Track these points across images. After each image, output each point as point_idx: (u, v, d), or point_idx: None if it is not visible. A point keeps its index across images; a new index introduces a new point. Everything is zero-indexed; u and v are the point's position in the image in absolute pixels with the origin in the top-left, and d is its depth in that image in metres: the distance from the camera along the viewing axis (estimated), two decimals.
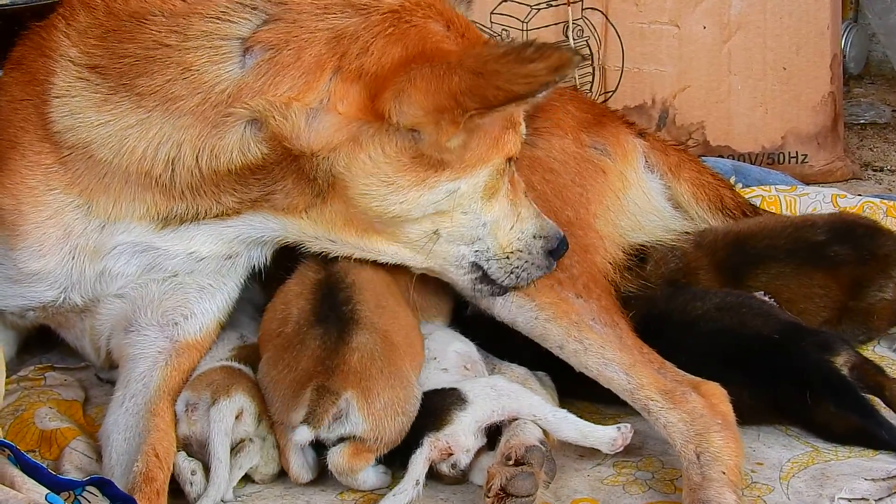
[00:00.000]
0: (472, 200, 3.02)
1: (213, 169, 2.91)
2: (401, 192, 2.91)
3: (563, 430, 3.04)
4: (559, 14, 5.03)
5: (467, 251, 3.12)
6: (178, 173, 2.91)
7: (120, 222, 3.04)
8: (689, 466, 2.91)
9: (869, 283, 3.55)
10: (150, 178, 2.94)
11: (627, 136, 3.78)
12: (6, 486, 2.59)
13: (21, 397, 3.40)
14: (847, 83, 6.23)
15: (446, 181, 2.93)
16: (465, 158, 2.93)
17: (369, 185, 2.89)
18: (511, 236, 3.14)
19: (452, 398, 3.04)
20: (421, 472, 2.93)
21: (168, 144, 2.89)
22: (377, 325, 3.03)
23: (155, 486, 2.88)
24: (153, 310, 3.19)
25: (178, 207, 3.00)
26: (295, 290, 3.17)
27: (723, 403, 3.03)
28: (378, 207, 2.93)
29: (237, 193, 2.98)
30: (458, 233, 3.07)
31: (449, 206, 2.99)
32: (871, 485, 2.96)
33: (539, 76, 2.63)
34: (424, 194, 2.93)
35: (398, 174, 2.88)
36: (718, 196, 3.87)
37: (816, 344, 3.19)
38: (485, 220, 3.08)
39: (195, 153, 2.88)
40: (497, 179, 3.04)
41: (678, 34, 5.05)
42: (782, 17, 5.10)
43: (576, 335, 3.16)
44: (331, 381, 2.90)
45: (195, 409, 3.06)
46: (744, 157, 5.11)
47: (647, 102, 5.10)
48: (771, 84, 5.12)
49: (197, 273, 3.17)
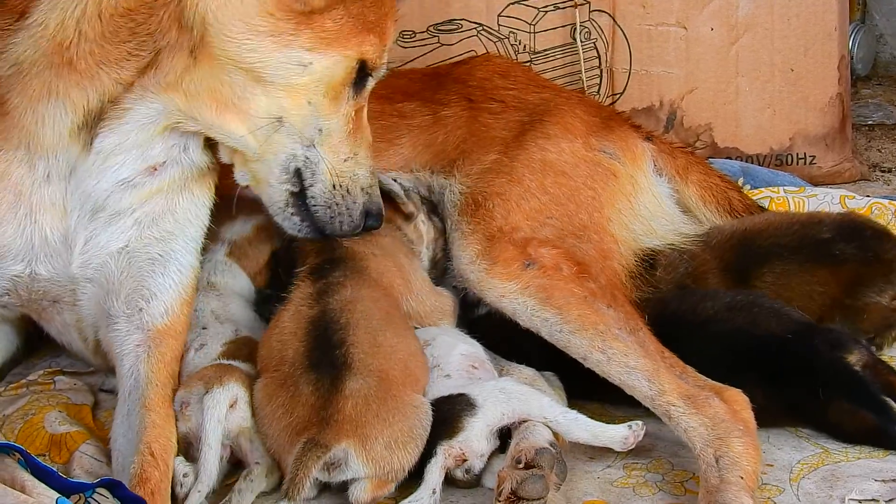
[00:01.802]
0: (317, 91, 3.06)
1: (111, 11, 2.94)
2: (257, 37, 2.95)
3: (574, 431, 3.04)
4: (566, 16, 5.02)
5: (300, 151, 3.14)
6: (83, 33, 2.95)
7: (53, 155, 3.05)
8: (708, 469, 2.91)
9: (868, 285, 3.54)
10: (62, 53, 2.96)
11: (636, 140, 3.79)
12: (17, 490, 2.59)
13: (31, 401, 3.41)
14: (855, 84, 6.22)
15: (300, 48, 2.98)
16: (325, 28, 2.98)
17: (232, 26, 2.94)
18: (343, 168, 3.19)
19: (462, 404, 3.04)
20: (437, 481, 2.93)
21: (72, 2, 2.94)
22: (371, 366, 2.99)
23: (149, 487, 2.86)
24: (117, 295, 3.18)
25: (89, 95, 3.01)
26: (290, 327, 3.14)
27: (745, 410, 3.04)
28: (235, 53, 2.97)
29: (131, 59, 2.99)
30: (298, 124, 3.09)
31: (298, 82, 3.02)
32: (881, 486, 2.96)
33: None
34: (279, 50, 2.97)
35: (260, 17, 2.93)
36: (726, 198, 3.87)
37: (829, 342, 3.20)
38: (323, 125, 3.12)
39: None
40: (345, 79, 3.08)
41: (686, 36, 5.04)
42: (790, 18, 5.09)
43: (600, 346, 3.16)
44: (322, 434, 2.87)
45: (188, 404, 3.07)
46: (752, 158, 5.10)
47: (655, 104, 5.09)
48: (779, 85, 5.11)
49: (144, 240, 3.18)
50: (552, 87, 4.02)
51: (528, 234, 3.39)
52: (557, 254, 3.33)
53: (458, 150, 3.70)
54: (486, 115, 3.76)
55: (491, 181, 3.54)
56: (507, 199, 3.48)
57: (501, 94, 3.83)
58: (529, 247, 3.34)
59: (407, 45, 4.96)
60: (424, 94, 3.84)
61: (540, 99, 3.82)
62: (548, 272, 3.29)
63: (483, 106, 3.79)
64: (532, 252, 3.33)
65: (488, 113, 3.76)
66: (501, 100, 3.81)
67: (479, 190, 3.54)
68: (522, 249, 3.34)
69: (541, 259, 3.31)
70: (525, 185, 3.50)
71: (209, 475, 2.95)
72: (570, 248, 3.38)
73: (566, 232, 3.43)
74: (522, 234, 3.39)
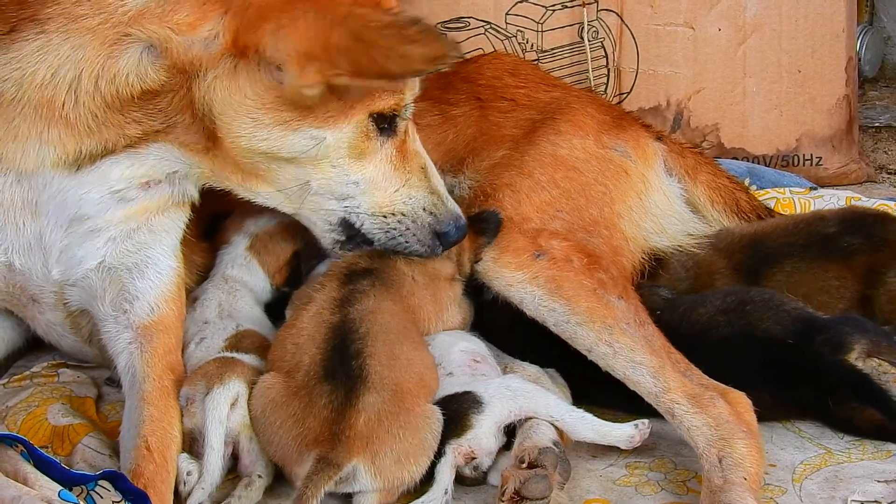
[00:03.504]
0: (339, 156, 3.07)
1: (112, 94, 2.94)
2: (265, 129, 2.97)
3: (580, 429, 3.04)
4: (574, 15, 5.03)
5: (337, 206, 3.17)
6: (80, 101, 2.94)
7: (36, 175, 3.04)
8: (711, 469, 2.91)
9: (884, 270, 3.54)
10: (54, 109, 2.95)
11: (647, 140, 3.79)
12: (19, 482, 2.59)
13: (34, 393, 3.41)
14: (862, 86, 6.22)
15: (309, 127, 2.98)
16: (329, 108, 2.97)
17: (239, 121, 2.96)
18: (395, 198, 3.20)
19: (468, 402, 3.04)
20: (449, 480, 2.93)
21: (67, 66, 2.92)
22: (387, 379, 2.97)
23: (142, 481, 2.86)
24: (102, 300, 3.20)
25: (86, 144, 3.01)
26: (308, 330, 3.11)
27: (748, 413, 3.04)
28: (246, 145, 2.99)
29: (140, 125, 3.01)
30: (327, 186, 3.12)
31: (317, 154, 3.03)
32: (883, 487, 2.96)
33: (414, 61, 2.71)
34: (289, 136, 2.98)
35: (262, 111, 2.95)
36: (734, 199, 3.87)
37: (829, 343, 3.18)
38: (355, 179, 3.13)
39: (94, 76, 2.92)
40: (364, 137, 3.08)
41: (693, 36, 5.05)
42: (797, 19, 5.09)
43: (607, 339, 3.16)
44: (335, 452, 2.85)
45: (192, 402, 3.07)
46: (758, 159, 5.11)
47: (662, 104, 5.09)
48: (786, 86, 5.11)
49: (119, 255, 3.18)
50: (562, 86, 4.02)
51: (539, 225, 3.39)
52: (568, 246, 3.33)
53: (468, 148, 3.71)
54: (496, 113, 3.76)
55: (500, 174, 3.55)
56: (518, 190, 3.48)
57: (511, 93, 3.83)
58: (540, 238, 3.34)
59: None
60: (433, 93, 3.83)
61: (551, 97, 3.82)
62: (558, 263, 3.29)
63: (493, 104, 3.79)
64: (543, 243, 3.33)
65: (498, 111, 3.76)
66: (511, 98, 3.80)
67: (488, 182, 3.55)
68: (533, 240, 3.34)
69: (551, 250, 3.31)
70: (535, 178, 3.50)
71: (212, 475, 2.95)
72: (581, 240, 3.37)
73: (576, 226, 3.42)
74: (533, 224, 3.39)
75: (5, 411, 3.31)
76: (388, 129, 3.13)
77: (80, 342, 3.44)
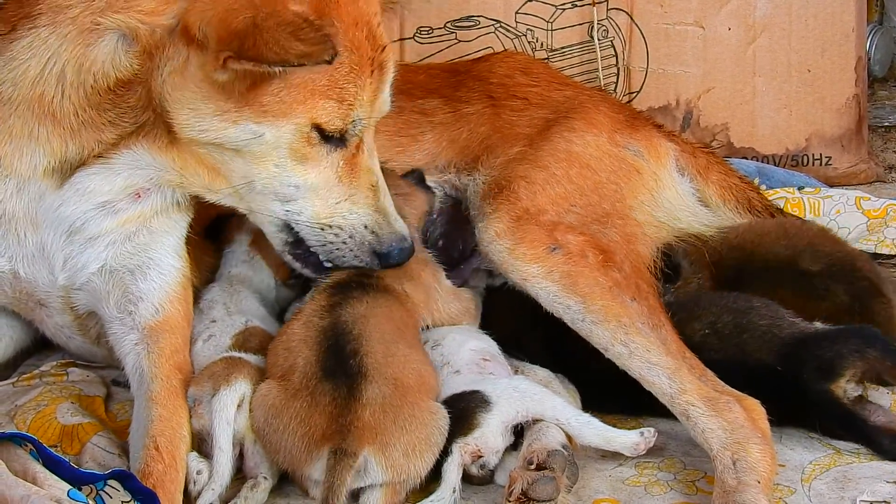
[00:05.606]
0: (280, 155, 3.08)
1: (91, 85, 3.00)
2: (205, 119, 3.00)
3: (586, 434, 3.04)
4: (584, 14, 5.02)
5: (279, 208, 3.18)
6: (66, 94, 3.01)
7: (31, 182, 3.10)
8: (724, 471, 2.92)
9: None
10: (44, 105, 3.02)
11: (659, 139, 3.79)
12: (28, 481, 2.60)
13: (43, 392, 3.42)
14: (871, 86, 6.20)
15: (248, 121, 3.00)
16: (264, 102, 2.97)
17: (184, 112, 3.00)
18: (335, 210, 3.20)
19: (476, 401, 3.04)
20: (456, 479, 2.95)
21: (54, 59, 2.99)
22: (386, 374, 2.99)
23: (151, 481, 2.88)
24: (107, 302, 3.25)
25: (69, 147, 3.07)
26: (299, 334, 3.14)
27: (762, 420, 3.06)
28: (194, 134, 3.03)
29: (115, 126, 3.06)
30: (270, 186, 3.13)
31: (259, 150, 3.05)
32: (892, 487, 2.97)
33: (288, 52, 2.77)
34: (229, 127, 3.01)
35: (202, 101, 2.99)
36: (746, 198, 3.87)
37: (818, 369, 3.16)
38: (296, 182, 3.13)
39: (76, 66, 2.99)
40: (304, 142, 3.08)
41: (703, 35, 5.04)
42: (807, 19, 5.08)
43: (622, 338, 3.17)
44: (346, 442, 2.86)
45: (199, 403, 3.08)
46: (768, 158, 5.10)
47: (672, 103, 5.09)
48: (795, 86, 5.10)
49: (120, 258, 3.22)
50: (574, 85, 4.03)
51: (555, 218, 3.40)
52: (583, 241, 3.33)
53: (482, 146, 3.71)
54: (509, 112, 3.76)
55: (515, 168, 3.55)
56: (533, 182, 3.48)
57: (524, 91, 3.83)
58: (556, 231, 3.35)
59: (424, 42, 4.96)
60: (445, 91, 3.85)
61: (563, 96, 3.83)
62: (573, 258, 3.29)
63: (506, 103, 3.79)
64: (559, 237, 3.33)
65: (511, 110, 3.77)
66: (524, 97, 3.81)
67: (503, 176, 3.55)
68: (549, 233, 3.34)
69: (567, 245, 3.31)
70: (550, 172, 3.51)
71: (223, 476, 2.97)
72: (595, 234, 3.38)
73: (590, 220, 3.42)
74: (549, 217, 3.40)
75: (15, 410, 3.32)
76: (336, 139, 3.13)
77: (88, 343, 3.46)
